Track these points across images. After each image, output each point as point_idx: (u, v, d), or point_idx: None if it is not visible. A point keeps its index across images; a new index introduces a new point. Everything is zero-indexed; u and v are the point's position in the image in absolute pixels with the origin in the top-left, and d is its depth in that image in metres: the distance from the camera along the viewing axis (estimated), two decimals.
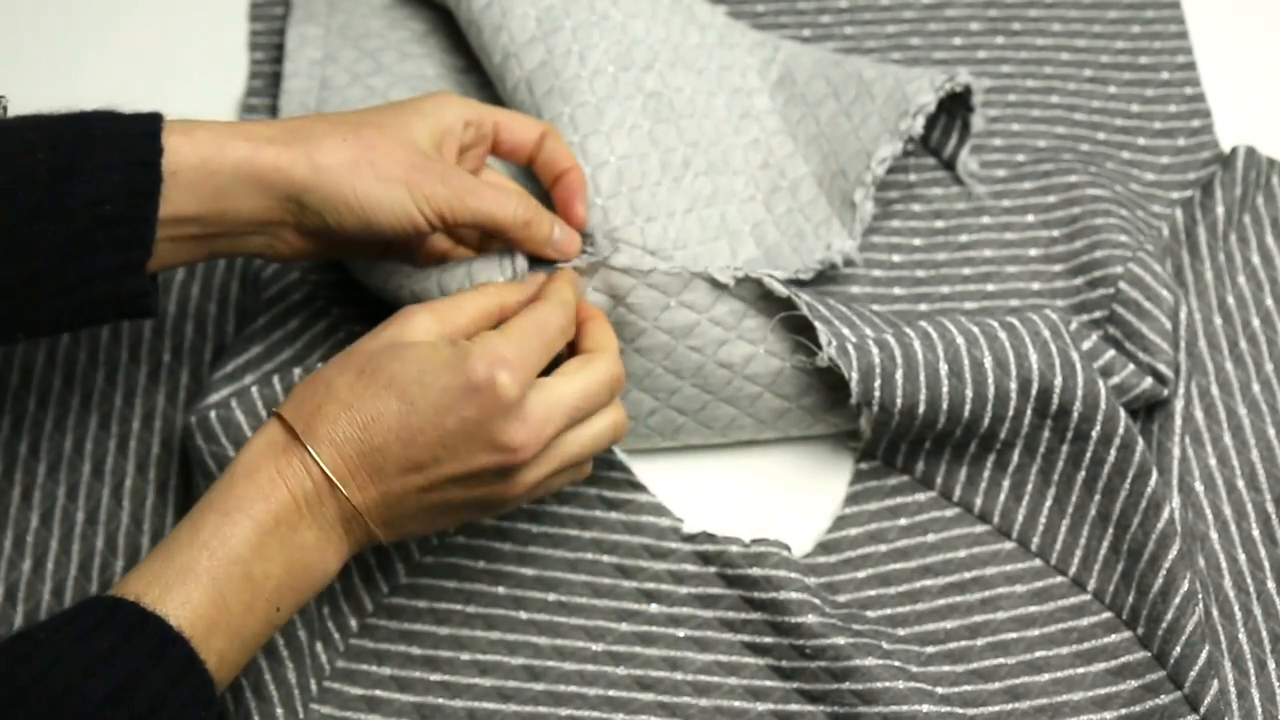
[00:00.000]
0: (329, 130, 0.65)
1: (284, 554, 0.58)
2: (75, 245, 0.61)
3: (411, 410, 0.59)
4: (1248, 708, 0.67)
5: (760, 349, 0.72)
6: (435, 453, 0.59)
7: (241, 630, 0.57)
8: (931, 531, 0.73)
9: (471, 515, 0.65)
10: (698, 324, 0.71)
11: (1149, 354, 0.73)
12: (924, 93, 0.78)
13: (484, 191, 0.67)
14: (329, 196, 0.64)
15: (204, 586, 0.56)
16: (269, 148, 0.63)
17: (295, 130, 0.65)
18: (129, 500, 0.74)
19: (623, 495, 0.72)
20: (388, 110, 0.67)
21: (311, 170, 0.63)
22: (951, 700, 0.67)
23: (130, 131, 0.62)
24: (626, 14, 0.80)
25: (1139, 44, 0.89)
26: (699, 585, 0.70)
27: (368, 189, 0.64)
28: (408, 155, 0.65)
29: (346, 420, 0.59)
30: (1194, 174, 0.84)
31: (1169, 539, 0.68)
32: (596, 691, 0.68)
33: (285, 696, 0.65)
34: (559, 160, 0.72)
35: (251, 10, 0.90)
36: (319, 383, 0.60)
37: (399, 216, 0.65)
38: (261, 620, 0.58)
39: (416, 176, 0.65)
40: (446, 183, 0.65)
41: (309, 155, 0.63)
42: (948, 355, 0.69)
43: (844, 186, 0.79)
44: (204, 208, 0.63)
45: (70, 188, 0.60)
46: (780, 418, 0.73)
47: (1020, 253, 0.80)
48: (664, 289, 0.71)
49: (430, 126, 0.67)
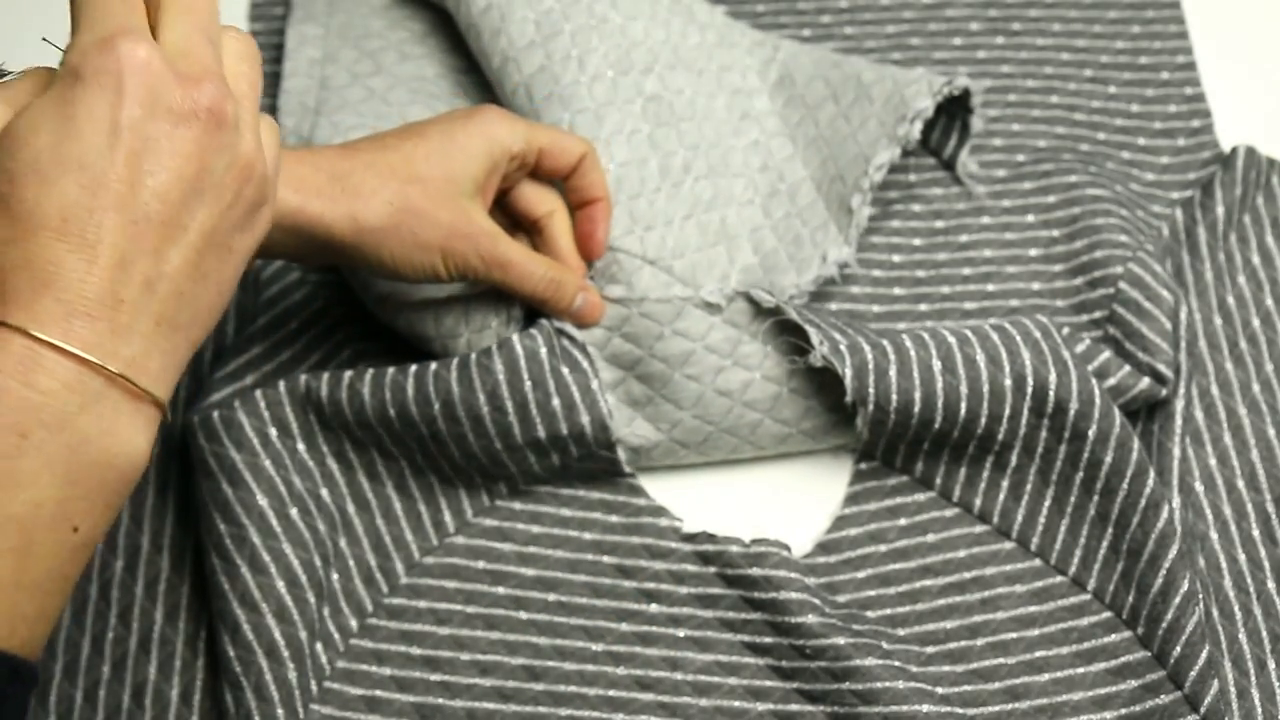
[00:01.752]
0: (377, 187, 0.65)
1: (50, 468, 0.47)
2: None
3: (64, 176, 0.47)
4: (1248, 708, 0.67)
5: (757, 375, 0.72)
6: (130, 171, 0.47)
7: (22, 580, 0.47)
8: (931, 531, 0.73)
9: (241, 238, 0.52)
10: (693, 352, 0.72)
11: (1149, 354, 0.73)
12: (922, 97, 0.78)
13: (513, 265, 0.68)
14: (366, 255, 0.65)
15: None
16: (316, 201, 0.63)
17: (344, 180, 0.64)
18: (129, 500, 0.73)
19: (622, 498, 0.73)
20: (436, 153, 0.66)
21: (354, 232, 0.64)
22: (951, 700, 0.67)
23: None
24: (625, 16, 0.79)
25: (1139, 44, 0.89)
26: (699, 585, 0.70)
27: (405, 253, 0.65)
28: (450, 219, 0.66)
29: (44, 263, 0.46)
30: (1194, 174, 0.84)
31: (1169, 539, 0.68)
32: (596, 692, 0.68)
33: (285, 697, 0.65)
34: (591, 189, 0.72)
35: (251, 10, 0.90)
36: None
37: (426, 274, 0.67)
38: (51, 555, 0.47)
39: (453, 244, 0.66)
40: (480, 253, 0.67)
41: (353, 216, 0.64)
42: (940, 352, 0.70)
43: (842, 191, 0.79)
44: None
45: None
46: (781, 443, 0.74)
47: (1020, 253, 0.80)
48: (657, 318, 0.71)
49: (475, 173, 0.67)
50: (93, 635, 0.70)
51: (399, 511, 0.72)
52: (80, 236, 0.46)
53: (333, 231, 0.64)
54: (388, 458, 0.71)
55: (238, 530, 0.67)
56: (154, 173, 0.48)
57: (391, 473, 0.72)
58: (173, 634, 0.70)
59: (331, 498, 0.70)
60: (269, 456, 0.69)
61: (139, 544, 0.72)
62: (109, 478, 0.48)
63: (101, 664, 0.69)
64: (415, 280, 0.67)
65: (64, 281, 0.46)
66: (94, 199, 0.47)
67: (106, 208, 0.47)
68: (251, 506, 0.68)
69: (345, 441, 0.71)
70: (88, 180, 0.47)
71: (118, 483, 0.49)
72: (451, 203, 0.66)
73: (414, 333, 0.72)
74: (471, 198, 0.67)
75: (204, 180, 0.49)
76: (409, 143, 0.67)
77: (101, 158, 0.47)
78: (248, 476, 0.68)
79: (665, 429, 0.73)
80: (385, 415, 0.69)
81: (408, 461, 0.71)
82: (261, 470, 0.68)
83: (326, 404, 0.69)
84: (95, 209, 0.47)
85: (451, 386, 0.68)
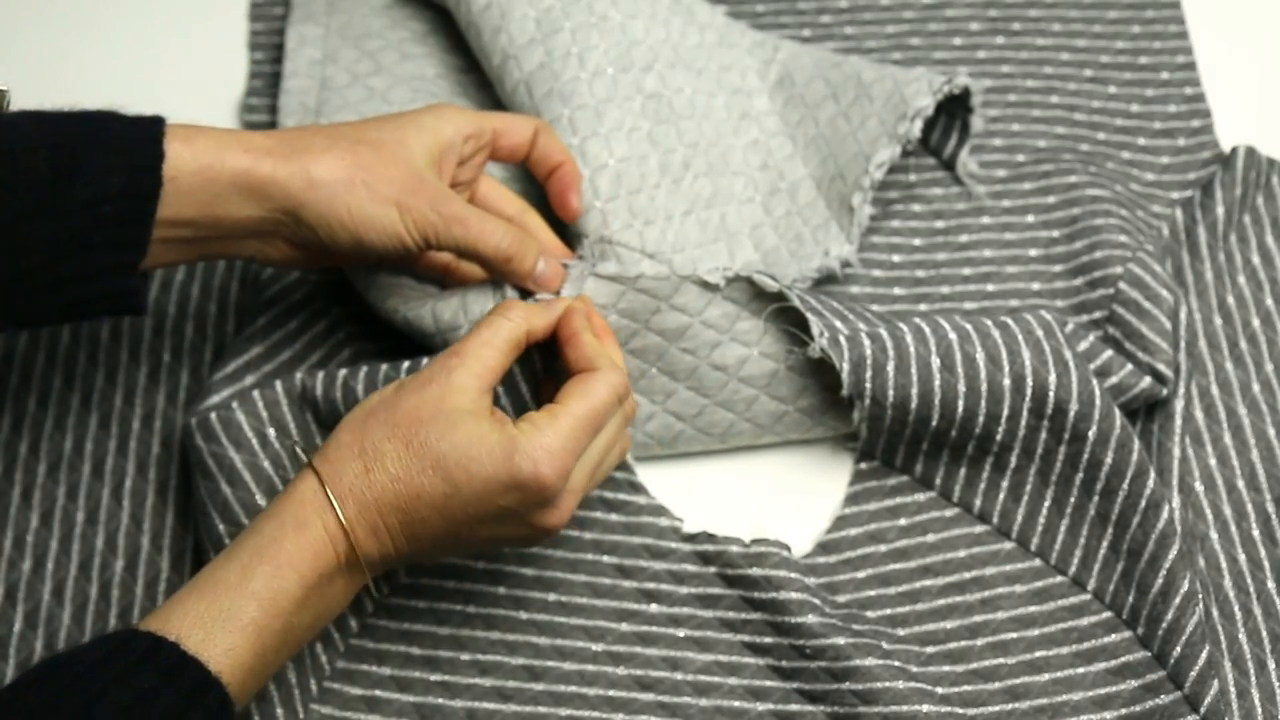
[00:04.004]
0: (327, 145, 0.65)
1: (319, 605, 0.60)
2: (72, 243, 0.61)
3: (455, 494, 0.60)
4: (1248, 708, 0.67)
5: (754, 351, 0.72)
6: (473, 527, 0.62)
7: (268, 671, 0.59)
8: (931, 532, 0.73)
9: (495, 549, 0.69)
10: (690, 326, 0.71)
11: (1149, 354, 0.73)
12: (922, 96, 0.78)
13: (470, 222, 0.67)
14: (323, 213, 0.65)
15: (249, 637, 0.57)
16: (267, 159, 0.64)
17: (294, 143, 0.65)
18: (129, 500, 0.74)
19: (622, 496, 0.72)
20: (387, 125, 0.68)
21: (308, 185, 0.64)
22: (951, 700, 0.67)
23: (133, 135, 0.62)
24: (626, 15, 0.79)
25: (1139, 44, 0.89)
26: (699, 585, 0.70)
27: (361, 208, 0.65)
28: (402, 176, 0.66)
29: (392, 494, 0.60)
30: (1194, 174, 0.84)
31: (1169, 539, 0.68)
32: (596, 691, 0.68)
33: (285, 697, 0.65)
34: (552, 155, 0.73)
35: (251, 10, 0.90)
36: (364, 442, 0.61)
37: (389, 236, 0.66)
38: (284, 660, 0.61)
39: (409, 199, 0.65)
40: (436, 208, 0.66)
41: (306, 170, 0.64)
42: (940, 349, 0.70)
43: (842, 190, 0.79)
44: (200, 213, 0.63)
45: (70, 187, 0.60)
46: (778, 421, 0.73)
47: (1020, 253, 0.80)
48: (653, 293, 0.71)
49: (429, 144, 0.67)
50: (93, 635, 0.70)
51: None
52: (418, 507, 0.61)
53: (288, 190, 0.64)
54: None
55: (237, 530, 0.67)
56: (479, 531, 0.62)
57: None
58: None
59: None
60: (268, 457, 0.69)
61: (139, 544, 0.72)
62: (333, 615, 0.62)
63: None
64: (382, 247, 0.66)
65: (388, 506, 0.61)
66: (448, 509, 0.61)
67: (449, 517, 0.61)
68: (250, 506, 0.68)
69: None
70: (451, 492, 0.60)
71: (327, 623, 0.63)
72: (404, 164, 0.66)
73: (414, 329, 0.72)
74: (427, 167, 0.67)
75: (501, 541, 0.65)
76: (359, 122, 0.68)
77: (473, 502, 0.61)
78: (246, 476, 0.68)
79: (660, 400, 0.72)
80: None
81: None
82: (260, 470, 0.68)
83: (323, 404, 0.69)
84: (445, 509, 0.61)
85: None
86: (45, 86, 0.87)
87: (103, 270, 0.62)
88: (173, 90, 0.87)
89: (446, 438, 0.60)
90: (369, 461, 0.60)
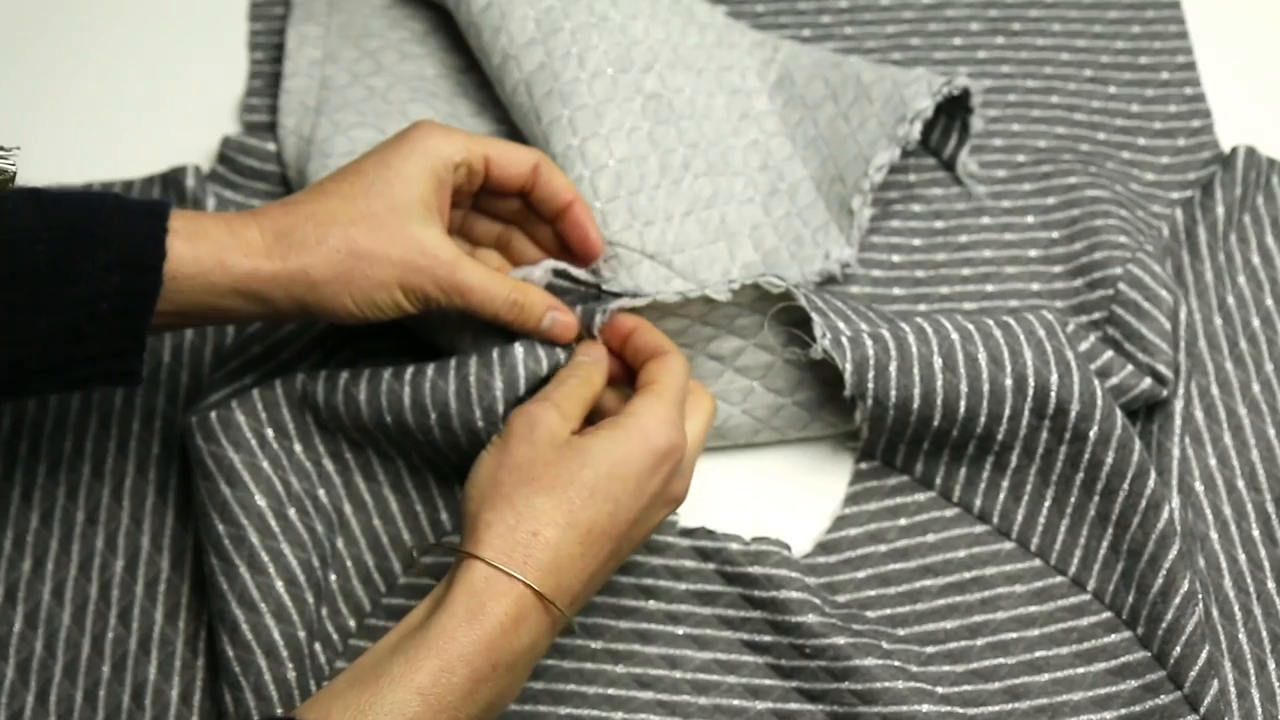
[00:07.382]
0: (322, 236, 0.64)
1: (491, 692, 0.58)
2: (66, 337, 0.61)
3: (618, 509, 0.61)
4: (1248, 708, 0.67)
5: (750, 342, 0.72)
6: (632, 532, 0.63)
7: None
8: (931, 531, 0.73)
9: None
10: (690, 326, 0.72)
11: (1148, 354, 0.73)
12: (921, 98, 0.78)
13: (473, 291, 0.67)
14: (327, 305, 0.65)
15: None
16: (267, 264, 0.63)
17: (289, 235, 0.64)
18: (129, 500, 0.74)
19: None
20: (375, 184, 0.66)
21: (309, 288, 0.64)
22: (951, 700, 0.67)
23: (134, 230, 0.62)
24: (626, 15, 0.80)
25: (1139, 44, 0.89)
26: (698, 582, 0.70)
27: (364, 295, 0.65)
28: (401, 254, 0.65)
29: (570, 541, 0.60)
30: (1194, 174, 0.84)
31: (1169, 539, 0.68)
32: (596, 690, 0.68)
33: (284, 697, 0.65)
34: (559, 194, 0.71)
35: (251, 10, 0.90)
36: (516, 509, 0.60)
37: (393, 311, 0.66)
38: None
39: (410, 278, 0.65)
40: (438, 284, 0.66)
41: (305, 272, 0.64)
42: (942, 350, 0.69)
43: (842, 192, 0.79)
44: (198, 308, 0.64)
45: (69, 287, 0.60)
46: (775, 414, 0.73)
47: (1020, 254, 0.80)
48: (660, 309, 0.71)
49: (420, 192, 0.66)
50: (93, 635, 0.70)
51: (396, 511, 0.72)
52: (591, 542, 0.61)
53: (290, 292, 0.64)
54: (384, 458, 0.71)
55: (236, 530, 0.67)
56: (634, 535, 0.64)
57: (388, 473, 0.72)
58: (173, 634, 0.70)
59: (329, 498, 0.70)
60: (266, 457, 0.69)
61: (139, 544, 0.72)
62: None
63: (101, 664, 0.69)
64: (387, 318, 0.66)
65: (566, 563, 0.60)
66: (615, 527, 0.62)
67: (616, 536, 0.62)
68: (249, 507, 0.68)
69: (342, 442, 0.71)
70: (615, 510, 0.61)
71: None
72: (401, 235, 0.65)
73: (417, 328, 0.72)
74: (424, 221, 0.66)
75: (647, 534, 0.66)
76: (346, 183, 0.66)
77: (631, 504, 0.62)
78: (246, 477, 0.68)
79: None
80: (381, 421, 0.69)
81: (404, 462, 0.71)
82: (259, 470, 0.68)
83: (323, 406, 0.69)
84: (612, 527, 0.62)
85: (449, 400, 0.68)
86: (44, 88, 0.88)
87: (97, 357, 0.62)
88: (173, 90, 0.87)
89: (586, 463, 0.61)
90: (533, 525, 0.59)
